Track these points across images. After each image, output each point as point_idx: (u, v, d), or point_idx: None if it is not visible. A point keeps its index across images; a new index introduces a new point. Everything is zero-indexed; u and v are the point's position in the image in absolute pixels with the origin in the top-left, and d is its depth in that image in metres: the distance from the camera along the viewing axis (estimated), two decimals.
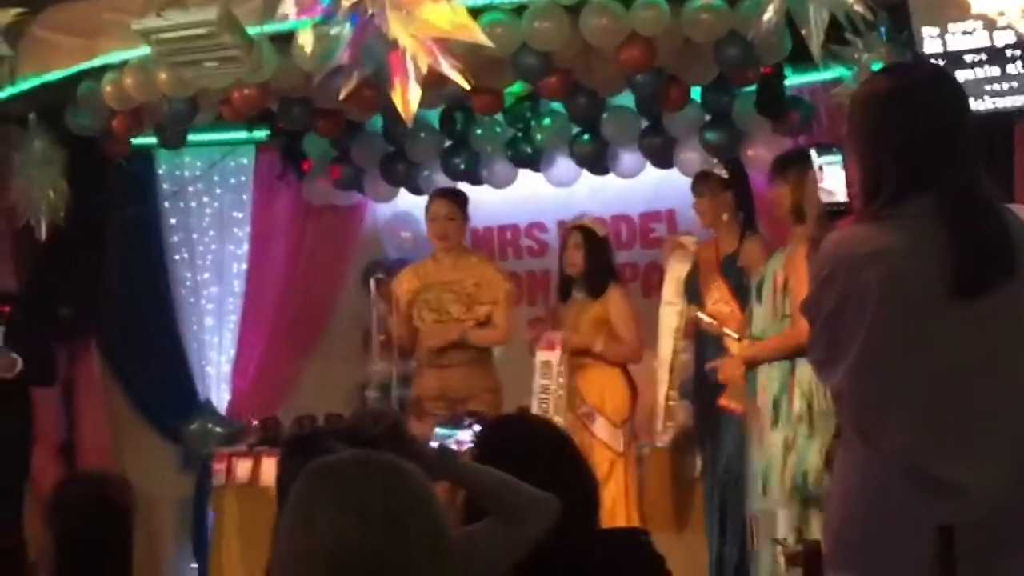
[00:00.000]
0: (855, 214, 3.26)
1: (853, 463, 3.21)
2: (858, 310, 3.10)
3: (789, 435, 6.07)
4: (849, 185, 3.44)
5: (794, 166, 6.02)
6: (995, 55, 6.61)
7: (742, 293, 6.88)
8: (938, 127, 3.16)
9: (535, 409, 7.38)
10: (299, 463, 2.85)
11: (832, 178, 3.51)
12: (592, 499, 3.62)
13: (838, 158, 3.53)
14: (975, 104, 6.51)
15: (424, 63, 5.87)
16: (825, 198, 3.49)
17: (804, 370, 5.82)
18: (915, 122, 3.16)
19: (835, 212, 3.47)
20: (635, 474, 7.67)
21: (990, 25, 6.60)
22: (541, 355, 7.57)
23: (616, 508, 7.39)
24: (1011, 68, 6.59)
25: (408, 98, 6.00)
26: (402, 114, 6.09)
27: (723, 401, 6.93)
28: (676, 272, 7.66)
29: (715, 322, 6.90)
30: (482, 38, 5.92)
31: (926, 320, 3.08)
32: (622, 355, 7.70)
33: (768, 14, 5.88)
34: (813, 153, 3.57)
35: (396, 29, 5.80)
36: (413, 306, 7.73)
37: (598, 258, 7.78)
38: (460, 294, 7.63)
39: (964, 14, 6.64)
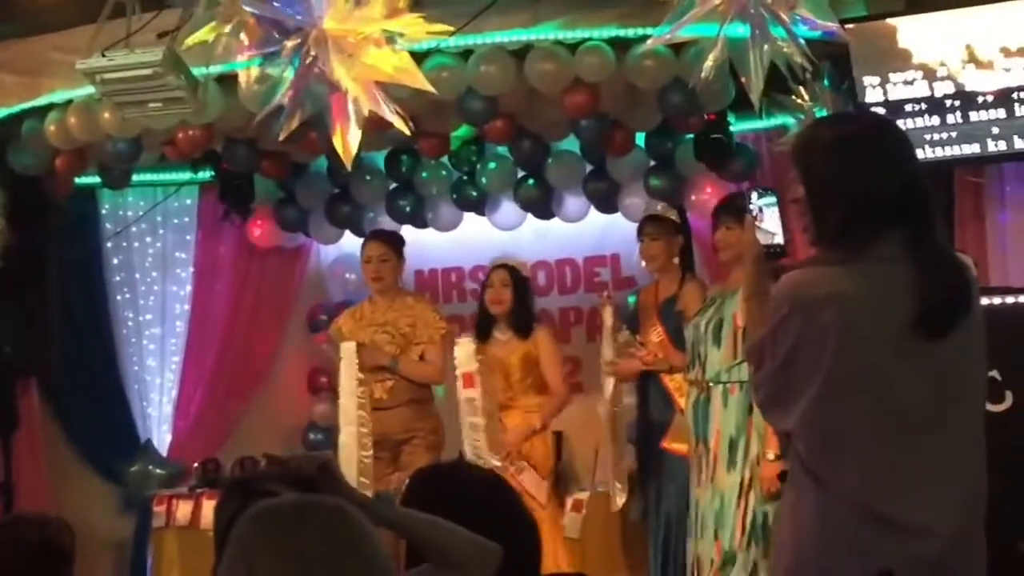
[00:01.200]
0: (798, 252, 3.30)
1: (805, 504, 3.23)
2: (815, 352, 3.14)
3: (746, 476, 6.10)
4: (787, 231, 3.48)
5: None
6: (935, 105, 6.69)
7: (679, 337, 6.90)
8: (900, 174, 3.23)
9: (467, 446, 7.33)
10: (237, 507, 2.83)
11: (770, 220, 3.54)
12: (532, 546, 3.60)
13: (775, 200, 3.57)
14: None
15: (366, 107, 5.86)
16: (764, 240, 3.52)
17: (758, 415, 5.84)
18: (880, 169, 3.22)
19: (773, 254, 3.50)
20: (559, 527, 7.62)
21: (930, 75, 6.69)
22: (465, 392, 7.46)
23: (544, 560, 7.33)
24: (951, 118, 6.68)
25: (348, 141, 5.98)
26: (342, 157, 6.09)
27: (666, 444, 6.95)
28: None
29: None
30: (424, 84, 5.92)
31: (882, 364, 3.13)
32: (556, 412, 7.69)
33: (708, 62, 5.90)
34: (753, 195, 3.60)
35: (338, 72, 5.79)
36: None
37: (524, 299, 7.77)
38: (395, 335, 7.60)
39: (905, 64, 6.72)
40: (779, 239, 3.52)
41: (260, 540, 2.45)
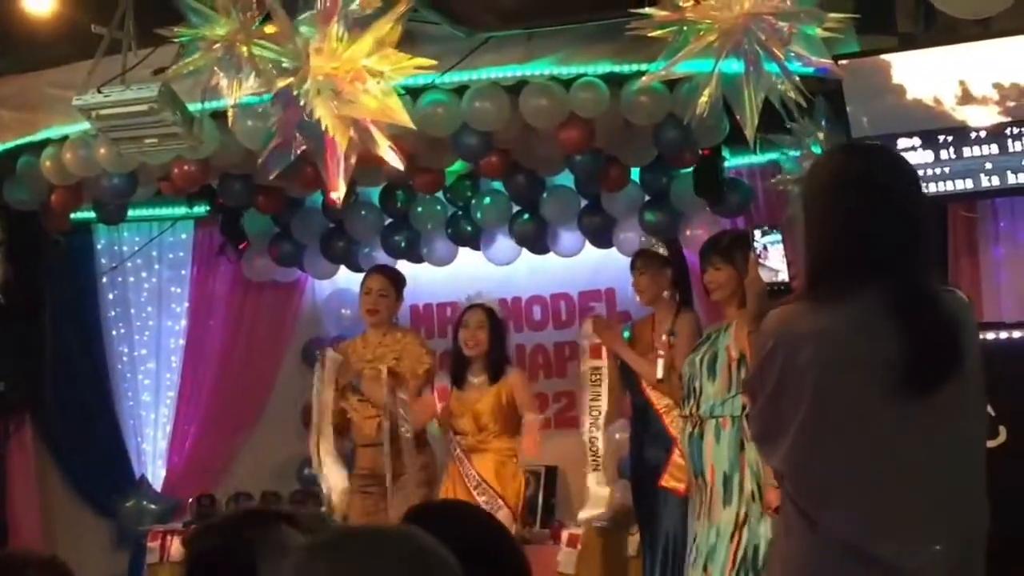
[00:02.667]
0: (796, 292, 3.29)
1: (794, 542, 3.20)
2: (797, 389, 3.11)
3: (741, 512, 6.11)
4: (790, 264, 3.48)
5: (739, 248, 6.08)
6: (928, 140, 6.71)
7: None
8: (893, 214, 3.16)
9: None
10: (223, 543, 2.81)
11: (774, 257, 3.55)
12: None
13: (779, 238, 3.57)
14: None
15: (345, 145, 5.88)
16: (767, 277, 3.53)
17: (753, 450, 5.84)
18: (877, 213, 3.16)
19: (778, 291, 3.51)
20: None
21: (924, 111, 6.70)
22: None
23: None
24: (944, 153, 6.69)
25: (336, 180, 6.01)
26: (332, 195, 6.12)
27: (664, 482, 6.94)
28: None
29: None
30: (407, 121, 5.95)
31: (865, 405, 3.09)
32: (536, 439, 7.50)
33: (703, 98, 5.93)
34: (756, 233, 3.61)
35: (319, 111, 5.83)
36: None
37: (500, 341, 7.62)
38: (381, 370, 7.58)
39: (899, 100, 6.74)
40: (783, 276, 3.53)
41: (332, 571, 2.40)
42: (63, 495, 9.35)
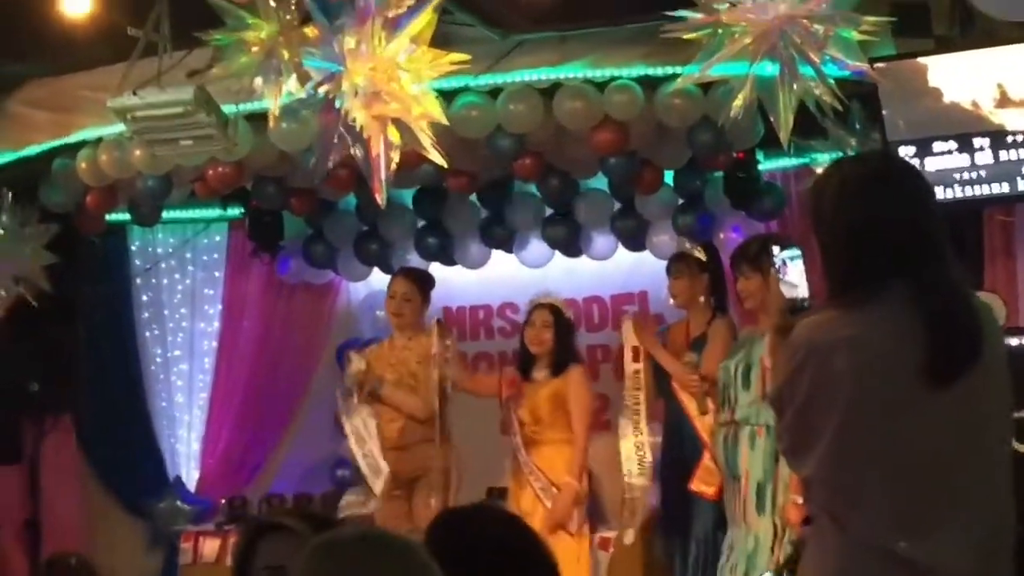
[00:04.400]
0: (821, 301, 3.29)
1: (825, 550, 3.21)
2: (830, 396, 3.12)
3: (778, 524, 6.10)
4: (811, 272, 3.47)
5: (767, 256, 6.06)
6: (965, 144, 6.67)
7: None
8: (911, 215, 3.20)
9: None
10: (247, 541, 2.82)
11: (794, 273, 3.54)
12: None
13: (798, 253, 3.56)
14: (944, 192, 6.57)
15: (391, 145, 5.91)
16: (788, 292, 3.52)
17: (785, 464, 5.83)
18: (890, 211, 3.19)
19: (799, 308, 3.49)
20: (588, 559, 7.60)
21: (960, 114, 6.66)
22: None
23: None
24: (980, 157, 6.65)
25: (380, 180, 6.03)
26: (375, 196, 6.13)
27: (694, 486, 6.92)
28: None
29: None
30: (442, 118, 5.98)
31: (898, 406, 3.10)
32: (583, 464, 7.58)
33: (737, 101, 5.92)
34: (775, 249, 3.60)
35: (358, 113, 5.85)
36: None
37: (565, 339, 7.74)
38: (403, 374, 7.58)
39: (935, 103, 6.70)
40: (803, 292, 3.51)
41: (329, 569, 2.42)
42: (97, 495, 9.38)
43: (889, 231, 3.17)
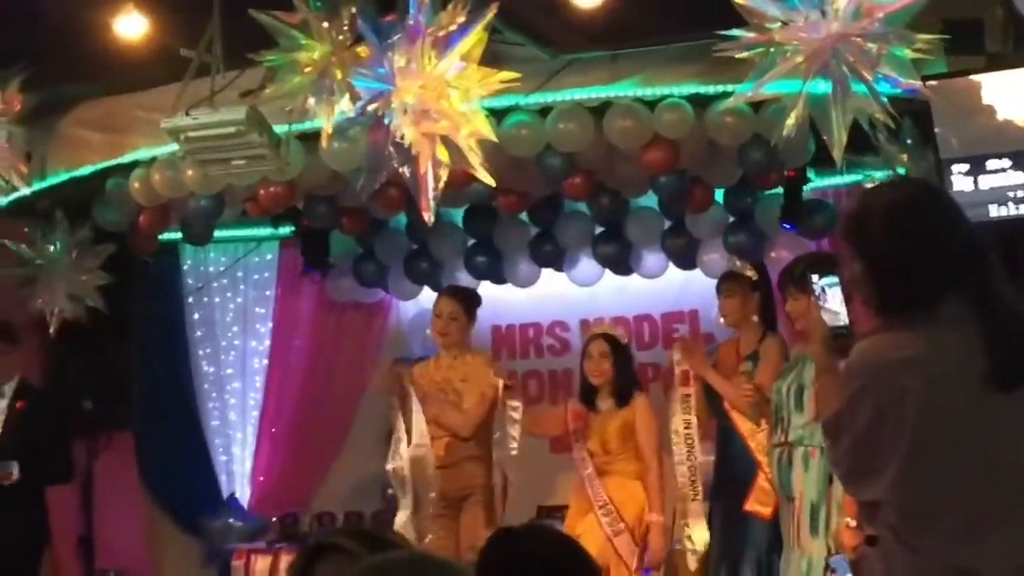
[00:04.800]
0: (866, 326, 3.29)
1: (895, 572, 3.20)
2: (897, 418, 3.13)
3: (832, 545, 6.06)
4: (850, 300, 3.46)
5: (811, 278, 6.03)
6: (1019, 161, 6.63)
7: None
8: (957, 234, 3.25)
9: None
10: (305, 562, 2.83)
11: (834, 300, 3.54)
12: None
13: (836, 280, 3.55)
14: (997, 210, 6.54)
15: (441, 163, 5.94)
16: (830, 320, 3.51)
17: (839, 485, 5.80)
18: (940, 229, 3.24)
19: (839, 335, 3.48)
20: None
21: (1014, 131, 6.62)
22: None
23: None
24: None
25: (428, 198, 6.06)
26: (423, 214, 6.16)
27: (749, 506, 6.89)
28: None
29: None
30: (492, 136, 6.00)
31: (967, 420, 3.12)
32: (660, 490, 7.49)
33: (790, 120, 5.91)
34: (814, 277, 3.60)
35: (408, 130, 5.87)
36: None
37: (625, 366, 7.66)
38: (448, 391, 7.59)
39: (988, 120, 6.67)
40: (844, 319, 3.50)
41: None
42: (152, 513, 9.42)
43: (939, 249, 3.21)
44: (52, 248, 8.26)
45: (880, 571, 3.28)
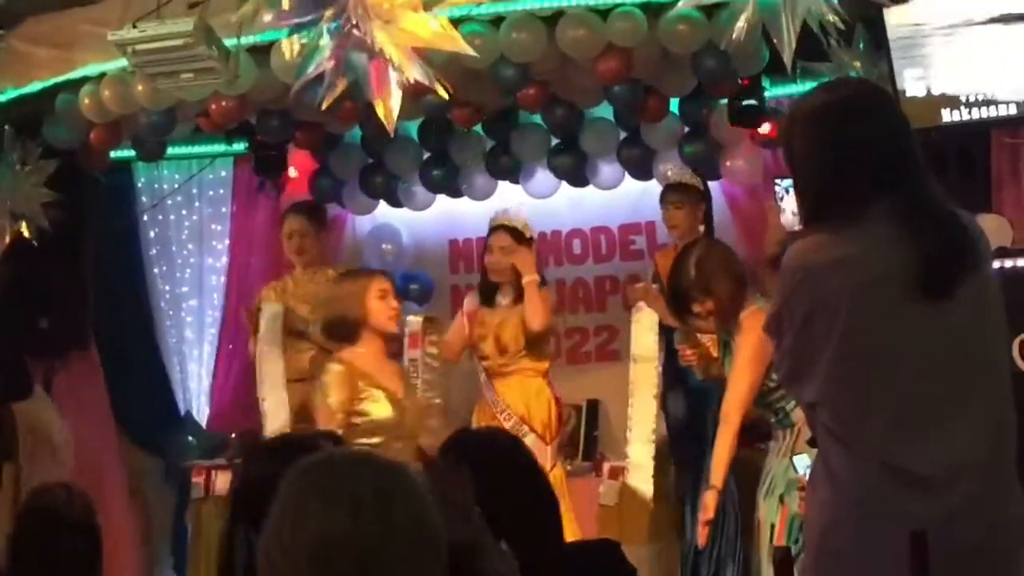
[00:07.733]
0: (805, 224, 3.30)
1: (828, 473, 3.24)
2: (829, 317, 3.16)
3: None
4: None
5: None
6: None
7: None
8: (888, 137, 3.25)
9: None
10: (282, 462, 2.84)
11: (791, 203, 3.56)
12: (556, 510, 3.62)
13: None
14: (950, 115, 6.55)
15: (410, 73, 5.88)
16: (787, 224, 3.54)
17: None
18: (870, 133, 3.24)
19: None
20: (564, 495, 7.35)
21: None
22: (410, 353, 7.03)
23: None
24: None
25: (390, 108, 6.01)
26: (385, 125, 6.10)
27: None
28: (647, 323, 7.24)
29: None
30: (464, 47, 5.95)
31: (896, 320, 3.15)
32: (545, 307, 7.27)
33: (739, 23, 5.89)
34: (776, 179, 3.62)
35: (380, 38, 5.80)
36: None
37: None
38: (315, 305, 7.53)
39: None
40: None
41: (314, 483, 2.41)
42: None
43: (868, 153, 3.21)
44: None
45: (819, 470, 3.32)
